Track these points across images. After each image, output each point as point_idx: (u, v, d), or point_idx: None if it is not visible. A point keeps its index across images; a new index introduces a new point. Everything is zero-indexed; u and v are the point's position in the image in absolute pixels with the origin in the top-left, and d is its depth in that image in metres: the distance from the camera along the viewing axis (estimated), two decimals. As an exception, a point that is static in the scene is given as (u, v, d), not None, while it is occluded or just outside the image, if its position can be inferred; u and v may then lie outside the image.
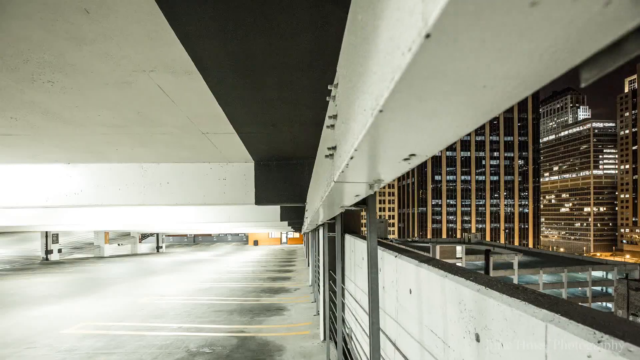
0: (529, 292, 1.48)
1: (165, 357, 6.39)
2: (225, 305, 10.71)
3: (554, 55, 0.43)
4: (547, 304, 1.30)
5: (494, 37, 0.40)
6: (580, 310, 1.22)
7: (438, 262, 2.34)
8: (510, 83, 0.48)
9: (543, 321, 1.19)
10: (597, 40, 0.38)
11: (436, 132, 0.63)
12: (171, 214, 14.53)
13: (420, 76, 0.46)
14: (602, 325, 1.05)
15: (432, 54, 0.43)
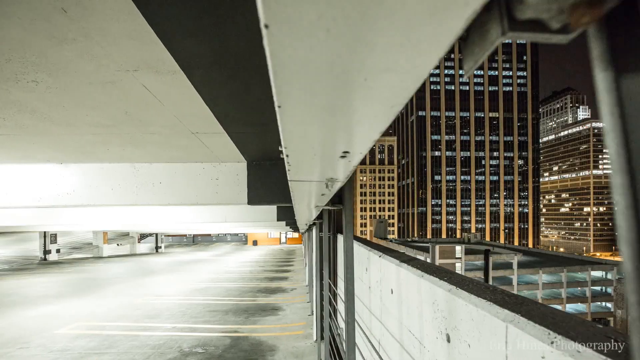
0: (498, 292, 1.47)
1: (158, 357, 6.38)
2: (220, 305, 10.70)
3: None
4: (512, 304, 1.29)
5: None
6: (542, 310, 1.21)
7: (418, 262, 2.33)
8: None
9: (504, 322, 1.18)
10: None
11: (347, 127, 0.62)
12: (168, 213, 14.52)
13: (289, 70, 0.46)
14: (558, 326, 1.04)
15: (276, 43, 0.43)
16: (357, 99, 0.51)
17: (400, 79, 0.47)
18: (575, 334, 0.96)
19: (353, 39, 0.41)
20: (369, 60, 0.45)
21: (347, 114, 0.58)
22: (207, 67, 2.95)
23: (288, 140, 0.72)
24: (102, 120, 4.33)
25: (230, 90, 3.52)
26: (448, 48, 0.44)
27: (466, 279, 1.72)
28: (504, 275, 51.63)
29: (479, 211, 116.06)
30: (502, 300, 1.33)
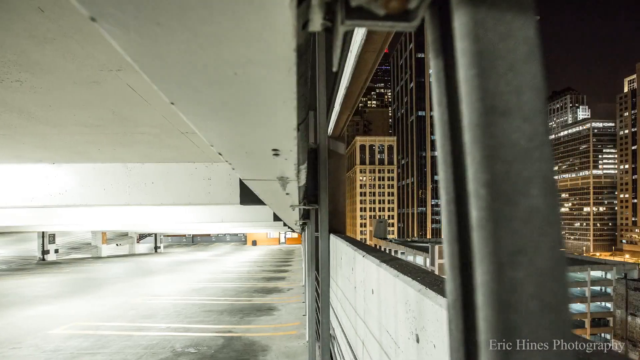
0: (465, 293, 1.46)
1: (150, 357, 6.37)
2: (216, 305, 10.70)
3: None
4: (475, 304, 1.28)
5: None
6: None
7: (397, 262, 2.32)
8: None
9: (463, 322, 1.17)
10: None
11: (250, 124, 0.62)
12: (166, 214, 14.52)
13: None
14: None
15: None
16: (239, 93, 0.51)
17: (267, 71, 0.46)
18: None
19: (195, 34, 0.40)
20: (224, 53, 0.44)
21: (239, 111, 0.57)
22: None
23: (210, 138, 0.72)
24: (90, 120, 4.33)
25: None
26: (295, 37, 0.43)
27: (439, 279, 1.71)
28: (504, 275, 51.57)
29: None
30: (466, 301, 1.32)
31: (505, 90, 0.32)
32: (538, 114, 0.32)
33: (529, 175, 0.32)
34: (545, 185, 0.32)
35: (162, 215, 14.42)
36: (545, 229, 0.32)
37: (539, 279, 0.31)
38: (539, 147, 0.32)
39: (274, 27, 0.40)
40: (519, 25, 0.33)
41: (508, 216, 0.31)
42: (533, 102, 0.32)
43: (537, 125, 0.32)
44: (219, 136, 0.67)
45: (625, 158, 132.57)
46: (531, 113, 0.32)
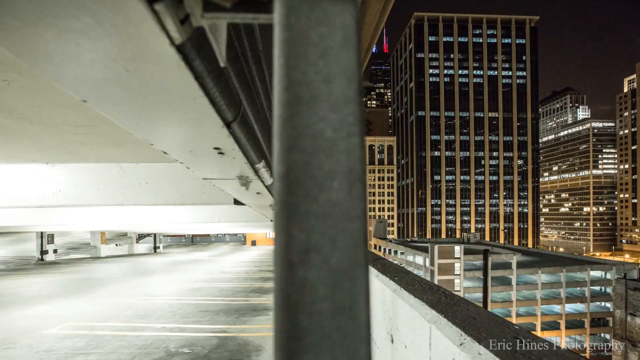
0: (438, 293, 1.46)
1: (144, 357, 6.36)
2: (212, 306, 10.68)
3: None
4: (444, 304, 1.27)
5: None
6: (471, 311, 1.19)
7: (380, 261, 2.31)
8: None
9: (429, 322, 1.16)
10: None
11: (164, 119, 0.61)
12: (162, 214, 14.53)
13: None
14: (474, 327, 1.02)
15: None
16: (143, 90, 0.50)
17: (156, 67, 0.45)
18: (485, 335, 0.95)
19: (63, 30, 0.39)
20: (100, 48, 0.43)
21: (153, 108, 0.57)
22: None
23: (142, 135, 0.71)
24: (80, 119, 4.32)
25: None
26: (176, 32, 0.42)
27: (415, 280, 1.70)
28: (503, 275, 51.58)
29: (479, 211, 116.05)
30: (437, 301, 1.31)
31: (314, 78, 0.30)
32: (348, 103, 0.30)
33: (331, 168, 0.30)
34: (349, 179, 0.30)
35: (159, 215, 14.43)
36: (344, 226, 0.30)
37: (333, 279, 0.29)
38: (345, 138, 0.30)
39: (137, 23, 0.39)
40: (336, 11, 0.30)
41: (304, 211, 0.29)
42: (343, 91, 0.30)
43: (345, 115, 0.30)
44: (150, 134, 0.66)
45: (625, 158, 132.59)
46: (340, 102, 0.30)
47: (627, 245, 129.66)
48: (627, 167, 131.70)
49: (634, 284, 43.84)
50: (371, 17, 2.49)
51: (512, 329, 1.03)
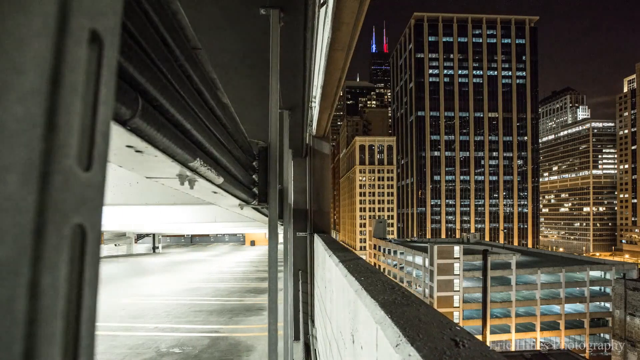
0: (396, 292, 1.44)
1: (134, 357, 6.36)
2: (207, 306, 10.68)
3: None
4: (398, 304, 1.26)
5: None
6: (421, 312, 1.18)
7: (354, 261, 2.30)
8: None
9: (376, 323, 1.15)
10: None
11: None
12: (158, 214, 14.51)
13: None
14: (415, 328, 1.01)
15: None
16: None
17: None
18: (421, 337, 0.93)
19: None
20: None
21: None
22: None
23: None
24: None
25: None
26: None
27: (380, 281, 1.69)
28: (502, 275, 51.53)
29: (479, 211, 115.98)
30: (391, 302, 1.30)
31: (5, 67, 0.28)
32: (37, 95, 0.29)
33: (9, 161, 0.28)
34: (26, 172, 0.29)
35: (155, 215, 14.42)
36: (14, 219, 0.28)
37: None
38: (27, 130, 0.29)
39: None
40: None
41: None
42: (33, 82, 0.29)
43: (31, 106, 0.29)
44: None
45: (625, 158, 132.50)
46: (28, 93, 0.29)
47: (627, 245, 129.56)
48: (627, 167, 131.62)
49: (633, 284, 43.76)
50: (348, 16, 2.48)
51: (453, 330, 1.01)
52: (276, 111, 1.85)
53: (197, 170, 1.34)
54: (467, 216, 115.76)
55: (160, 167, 1.11)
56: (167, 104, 0.98)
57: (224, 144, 1.60)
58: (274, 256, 1.98)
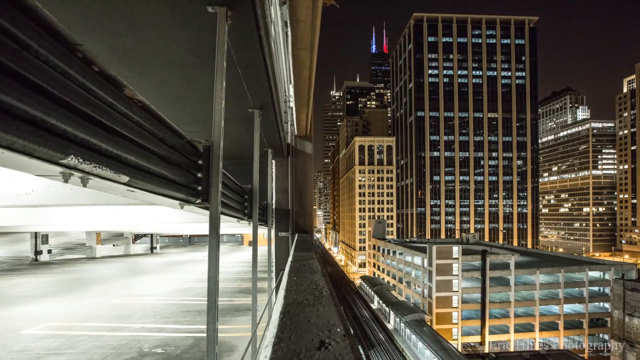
0: (315, 292, 1.44)
1: (116, 357, 6.36)
2: (196, 306, 10.68)
3: None
4: (305, 304, 1.25)
5: None
6: (316, 313, 1.17)
7: (302, 260, 2.30)
8: None
9: (272, 323, 1.15)
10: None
11: None
12: (152, 214, 14.50)
13: None
14: (297, 329, 1.00)
15: None
16: None
17: None
18: (293, 338, 0.93)
19: None
20: None
21: None
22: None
23: None
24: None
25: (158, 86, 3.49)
26: None
27: (310, 281, 1.68)
28: (501, 275, 51.46)
29: (478, 211, 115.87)
30: (299, 302, 1.30)
31: None
32: None
33: None
34: None
35: (149, 216, 14.41)
36: None
37: None
38: None
39: None
40: None
41: None
42: None
43: None
44: None
45: (624, 158, 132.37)
46: None
47: (626, 245, 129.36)
48: (626, 167, 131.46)
49: (632, 285, 43.70)
50: (304, 14, 2.48)
51: (334, 332, 1.01)
52: (219, 109, 1.85)
53: (79, 168, 1.32)
54: (466, 216, 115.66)
55: (34, 165, 1.10)
56: (19, 103, 0.96)
57: (136, 142, 1.58)
58: (214, 256, 1.98)
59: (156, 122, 1.60)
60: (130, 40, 2.22)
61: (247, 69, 2.56)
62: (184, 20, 2.03)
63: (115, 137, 1.48)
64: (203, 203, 1.94)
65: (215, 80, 1.84)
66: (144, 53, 2.36)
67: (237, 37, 2.15)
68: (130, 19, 2.01)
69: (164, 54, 2.37)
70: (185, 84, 2.16)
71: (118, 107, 1.54)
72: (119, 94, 1.55)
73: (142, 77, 2.80)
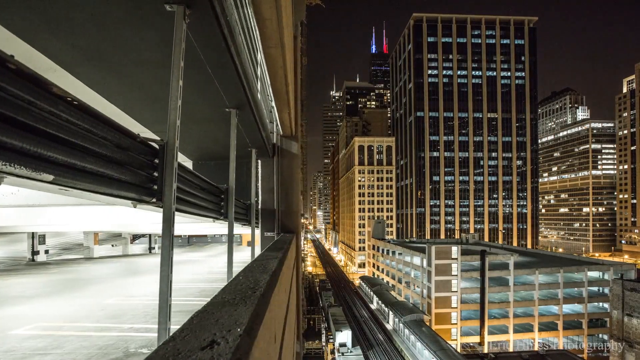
0: (245, 291, 1.43)
1: (101, 357, 6.34)
2: (188, 306, 10.64)
3: None
4: (229, 304, 1.24)
5: None
6: (231, 313, 1.16)
7: (260, 260, 2.29)
8: None
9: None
10: None
11: None
12: (146, 215, 14.49)
13: None
14: (200, 328, 0.99)
15: None
16: None
17: None
18: (188, 336, 0.92)
19: None
20: None
21: None
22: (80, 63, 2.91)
23: None
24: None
25: (122, 87, 3.47)
26: None
27: (252, 280, 1.67)
28: (500, 275, 51.38)
29: (478, 212, 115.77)
30: (224, 302, 1.29)
31: None
32: None
33: None
34: None
35: (144, 216, 14.41)
36: None
37: None
38: None
39: None
40: None
41: None
42: None
43: None
44: None
45: (624, 158, 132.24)
46: None
47: (626, 245, 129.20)
48: (626, 167, 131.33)
49: (631, 285, 43.65)
50: (267, 12, 2.47)
51: (234, 331, 1.01)
52: (175, 109, 1.84)
53: (4, 170, 1.31)
54: (466, 217, 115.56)
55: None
56: None
57: (66, 140, 1.56)
58: (167, 255, 1.97)
59: (95, 120, 1.58)
60: (95, 38, 2.20)
61: (217, 68, 2.55)
62: (145, 19, 2.01)
63: (33, 135, 1.47)
64: (157, 202, 1.93)
65: (172, 80, 1.83)
66: (110, 52, 2.34)
67: (201, 36, 2.14)
68: (91, 17, 2.00)
69: (131, 53, 2.36)
70: (158, 84, 2.14)
71: (40, 105, 1.53)
72: (41, 92, 1.53)
73: (111, 76, 2.78)
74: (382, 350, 44.02)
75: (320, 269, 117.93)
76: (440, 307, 51.17)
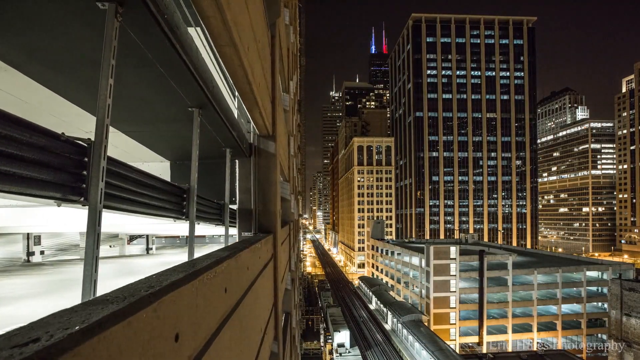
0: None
1: (79, 358, 6.33)
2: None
3: None
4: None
5: None
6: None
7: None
8: None
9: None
10: None
11: None
12: (135, 216, 14.51)
13: None
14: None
15: None
16: None
17: None
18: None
19: None
20: None
21: None
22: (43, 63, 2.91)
23: None
24: None
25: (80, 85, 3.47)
26: None
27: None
28: (499, 275, 51.32)
29: (477, 212, 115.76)
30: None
31: None
32: None
33: None
34: None
35: (129, 217, 14.44)
36: None
37: None
38: None
39: None
40: None
41: None
42: None
43: None
44: None
45: (624, 158, 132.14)
46: None
47: (626, 245, 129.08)
48: (625, 167, 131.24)
49: (629, 284, 43.57)
50: (210, 9, 2.45)
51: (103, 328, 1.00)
52: (103, 107, 1.83)
53: None
54: (465, 217, 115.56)
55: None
56: None
57: None
58: (91, 254, 1.97)
59: (10, 123, 1.57)
60: (43, 38, 2.19)
61: (167, 67, 2.53)
62: (82, 17, 2.00)
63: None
64: (84, 202, 1.92)
65: (100, 79, 1.82)
66: (58, 51, 2.33)
67: (141, 35, 2.12)
68: (27, 17, 1.99)
69: (79, 52, 2.35)
70: (115, 84, 2.12)
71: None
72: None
73: (63, 76, 2.76)
74: (380, 350, 43.95)
75: (319, 269, 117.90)
76: (439, 307, 51.12)
